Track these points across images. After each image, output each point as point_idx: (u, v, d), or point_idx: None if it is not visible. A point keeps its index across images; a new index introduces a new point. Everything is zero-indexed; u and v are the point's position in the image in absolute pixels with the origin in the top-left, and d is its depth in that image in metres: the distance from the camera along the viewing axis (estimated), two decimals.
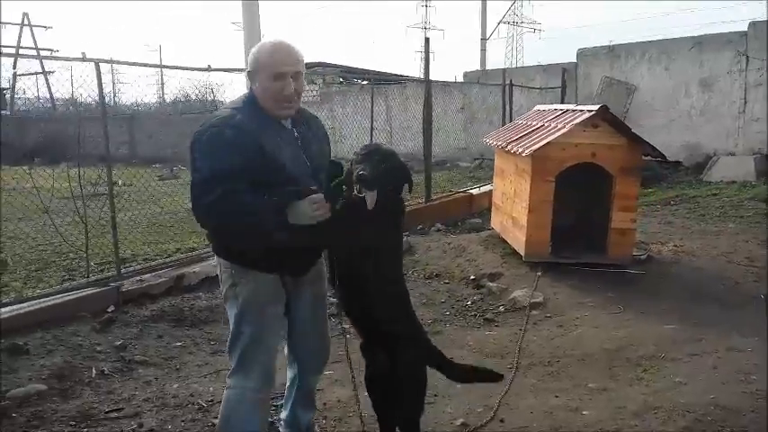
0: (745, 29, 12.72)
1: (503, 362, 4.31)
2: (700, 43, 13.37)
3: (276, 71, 2.52)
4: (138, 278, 5.49)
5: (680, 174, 12.81)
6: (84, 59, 5.40)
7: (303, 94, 2.70)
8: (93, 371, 4.16)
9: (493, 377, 3.10)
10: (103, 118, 5.57)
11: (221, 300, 5.53)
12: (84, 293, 5.08)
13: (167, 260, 6.17)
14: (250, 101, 2.61)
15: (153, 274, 5.64)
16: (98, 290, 5.18)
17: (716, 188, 10.99)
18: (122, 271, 5.54)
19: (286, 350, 3.02)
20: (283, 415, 3.08)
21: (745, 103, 12.71)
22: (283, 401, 3.15)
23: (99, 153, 5.65)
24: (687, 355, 4.09)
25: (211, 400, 3.73)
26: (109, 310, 5.02)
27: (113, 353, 4.44)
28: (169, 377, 4.16)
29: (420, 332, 2.91)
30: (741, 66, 12.66)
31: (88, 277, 5.48)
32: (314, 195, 2.47)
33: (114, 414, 3.63)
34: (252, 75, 2.60)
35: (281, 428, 3.12)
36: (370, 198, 2.53)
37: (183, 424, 3.49)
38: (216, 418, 3.51)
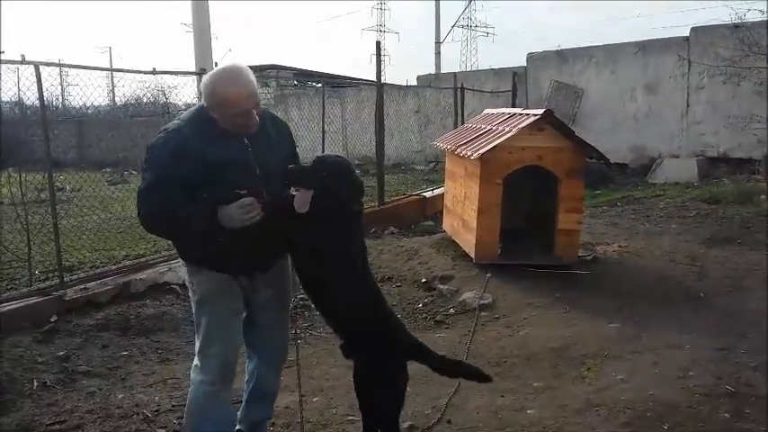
0: (687, 34, 13.14)
1: None
2: (644, 48, 13.77)
3: (242, 110, 2.54)
4: (82, 286, 5.35)
5: (626, 175, 13.16)
6: (23, 62, 5.25)
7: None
8: (35, 383, 4.05)
9: (480, 376, 2.99)
10: (44, 122, 5.42)
11: (168, 307, 5.50)
12: (25, 303, 4.92)
13: (113, 267, 6.04)
14: (200, 115, 2.61)
15: (98, 281, 5.51)
16: (40, 299, 5.03)
17: (660, 189, 11.34)
18: (66, 279, 5.40)
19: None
20: (239, 410, 3.09)
21: (688, 106, 13.15)
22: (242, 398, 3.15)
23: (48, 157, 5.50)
24: (629, 353, 4.21)
25: (157, 410, 3.68)
26: (51, 319, 4.88)
27: (56, 364, 4.33)
28: (114, 387, 4.08)
29: (397, 328, 2.89)
30: (683, 70, 13.07)
31: (30, 286, 5.33)
32: (243, 199, 2.48)
33: (56, 427, 3.55)
34: (212, 108, 2.57)
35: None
36: (300, 197, 2.55)
37: None
38: (161, 427, 3.50)
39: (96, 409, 3.72)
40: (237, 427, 3.03)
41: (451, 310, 5.55)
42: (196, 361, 2.80)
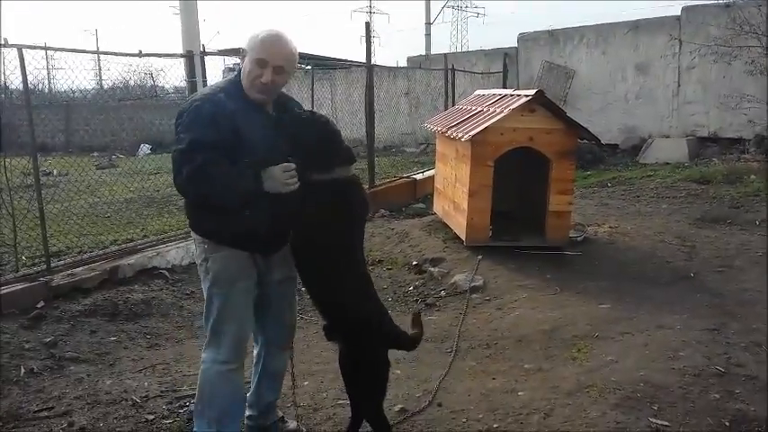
0: (678, 13, 13.07)
1: (443, 346, 4.36)
2: (635, 28, 13.69)
3: (259, 57, 2.60)
4: (69, 272, 5.29)
5: (617, 156, 13.16)
6: (5, 45, 5.15)
7: None
8: (22, 369, 4.01)
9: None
10: (28, 106, 5.34)
11: (157, 292, 5.45)
12: (11, 289, 4.86)
13: (101, 252, 5.97)
14: (235, 81, 2.69)
15: (85, 267, 5.45)
16: (26, 285, 4.97)
17: (651, 170, 11.34)
18: (53, 265, 5.33)
19: None
20: (248, 394, 3.06)
21: (679, 86, 13.11)
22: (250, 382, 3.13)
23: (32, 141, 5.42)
24: (619, 334, 4.19)
25: (146, 396, 3.64)
26: (38, 305, 4.82)
27: (43, 350, 4.29)
28: (102, 373, 4.04)
29: (381, 314, 2.86)
30: (674, 50, 13.01)
31: (17, 272, 5.27)
32: (287, 163, 2.56)
33: (44, 413, 3.51)
34: (243, 53, 2.67)
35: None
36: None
37: (115, 421, 3.38)
38: (150, 413, 3.46)
39: (84, 396, 3.68)
40: (247, 413, 3.02)
41: (442, 293, 5.53)
42: (207, 339, 2.77)
